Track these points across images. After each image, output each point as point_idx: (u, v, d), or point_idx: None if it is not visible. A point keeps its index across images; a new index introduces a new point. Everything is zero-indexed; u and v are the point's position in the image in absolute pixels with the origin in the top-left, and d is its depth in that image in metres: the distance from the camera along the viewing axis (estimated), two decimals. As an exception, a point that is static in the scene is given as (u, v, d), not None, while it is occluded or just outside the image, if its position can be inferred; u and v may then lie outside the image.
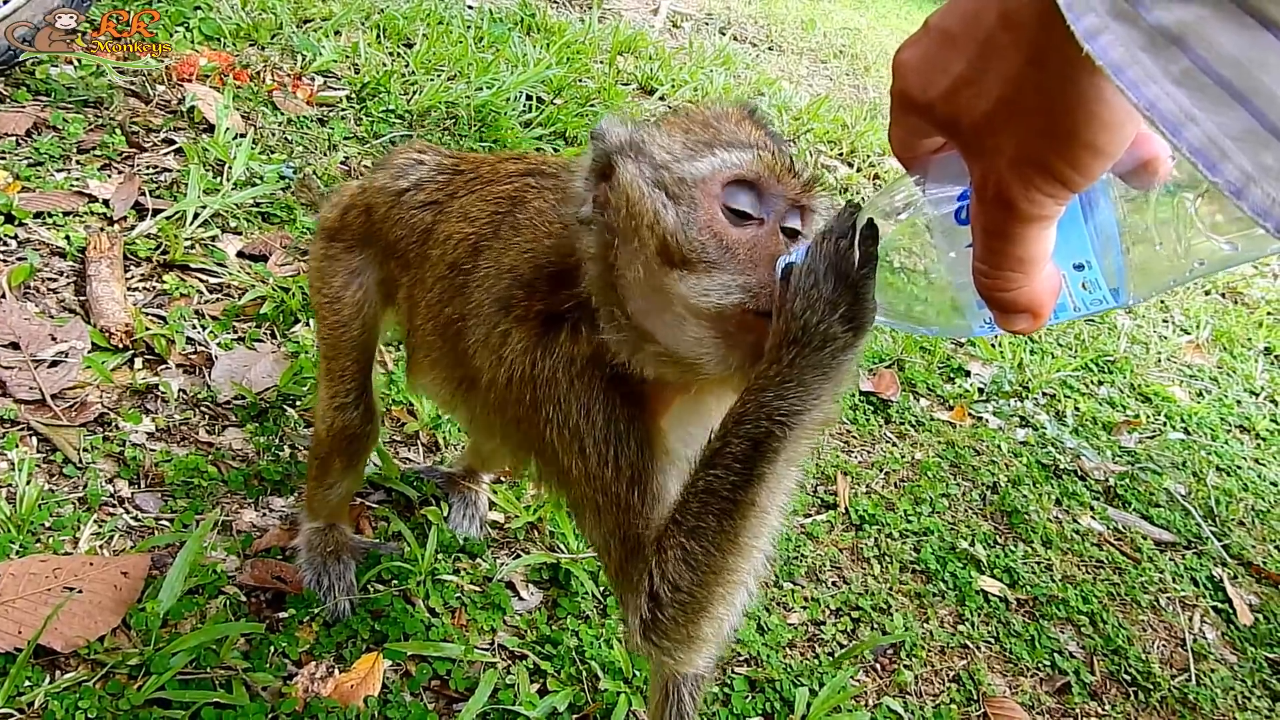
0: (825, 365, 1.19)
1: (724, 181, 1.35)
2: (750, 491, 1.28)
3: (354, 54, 4.92)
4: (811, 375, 1.20)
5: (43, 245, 3.08)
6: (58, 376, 2.67)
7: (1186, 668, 3.05)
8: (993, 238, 0.87)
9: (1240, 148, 0.66)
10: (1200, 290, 6.06)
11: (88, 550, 2.28)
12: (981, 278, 0.90)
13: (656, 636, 1.41)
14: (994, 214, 0.85)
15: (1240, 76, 0.64)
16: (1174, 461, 4.12)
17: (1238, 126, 0.65)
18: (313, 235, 2.43)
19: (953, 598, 3.03)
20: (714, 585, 1.35)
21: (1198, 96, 0.66)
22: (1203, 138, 0.67)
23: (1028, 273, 0.88)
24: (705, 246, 1.31)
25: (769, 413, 1.22)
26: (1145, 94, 0.67)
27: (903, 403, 3.92)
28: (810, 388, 1.20)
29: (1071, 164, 0.79)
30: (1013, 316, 0.93)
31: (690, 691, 1.90)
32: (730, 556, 1.33)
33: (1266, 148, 0.66)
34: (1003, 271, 0.88)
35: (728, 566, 1.34)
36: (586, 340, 1.49)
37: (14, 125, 3.52)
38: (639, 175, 1.38)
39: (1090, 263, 0.94)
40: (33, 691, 1.92)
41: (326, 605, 2.32)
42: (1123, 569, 3.39)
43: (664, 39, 7.26)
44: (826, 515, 3.21)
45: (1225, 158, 0.67)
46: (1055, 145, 0.78)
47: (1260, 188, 0.67)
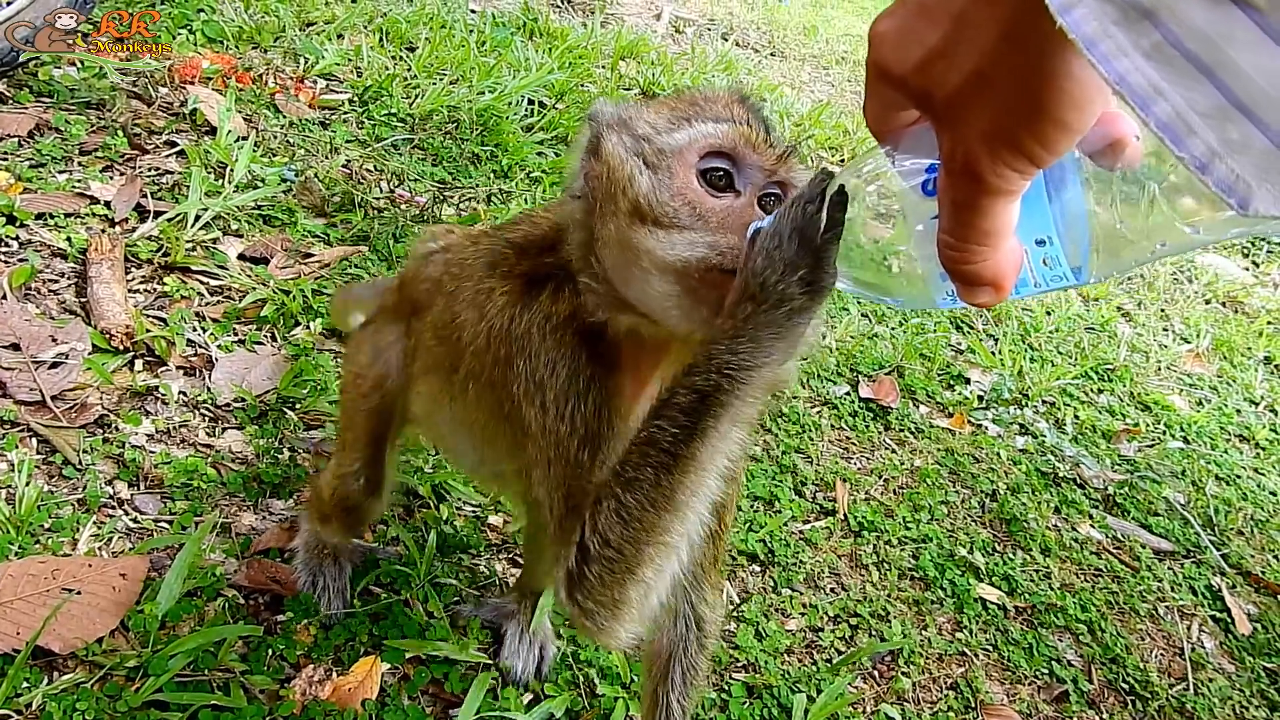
0: (779, 324, 1.19)
1: (700, 152, 1.38)
2: (692, 446, 1.27)
3: (356, 57, 4.93)
4: (765, 333, 1.20)
5: (44, 246, 3.09)
6: (58, 378, 2.67)
7: (1184, 677, 3.05)
8: (959, 210, 0.88)
9: (1207, 123, 0.67)
10: (1200, 299, 6.06)
11: (86, 552, 2.28)
12: (946, 250, 0.92)
13: (581, 595, 1.39)
14: (961, 187, 0.86)
15: (1208, 51, 0.65)
16: (1173, 470, 4.12)
17: (1205, 101, 0.66)
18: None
19: (951, 605, 3.03)
20: (644, 543, 1.33)
21: (1167, 71, 0.66)
22: (1171, 112, 0.67)
23: (992, 246, 0.89)
24: (677, 211, 1.35)
25: (719, 366, 1.22)
26: (1116, 68, 0.68)
27: (902, 409, 3.92)
28: (762, 345, 1.20)
29: (1039, 140, 0.80)
30: (975, 289, 0.94)
31: (679, 699, 1.89)
32: (665, 514, 1.31)
33: (1232, 123, 0.66)
34: (967, 244, 0.90)
35: (661, 525, 1.32)
36: (566, 300, 1.51)
37: (16, 126, 3.53)
38: (620, 145, 1.42)
39: (1052, 239, 0.95)
40: (30, 693, 1.92)
41: (320, 607, 2.31)
42: (1121, 577, 3.39)
43: (666, 44, 7.27)
44: (825, 522, 3.21)
45: (1192, 133, 0.67)
46: (1024, 121, 0.79)
47: (1225, 163, 0.67)
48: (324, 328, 3.17)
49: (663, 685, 1.89)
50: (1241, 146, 0.67)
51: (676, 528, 1.34)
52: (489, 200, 4.24)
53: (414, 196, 4.02)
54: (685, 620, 1.84)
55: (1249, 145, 0.67)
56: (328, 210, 3.76)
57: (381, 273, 3.52)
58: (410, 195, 4.01)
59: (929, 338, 4.49)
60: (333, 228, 3.69)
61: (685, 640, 1.85)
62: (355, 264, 3.51)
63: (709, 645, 1.89)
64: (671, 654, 1.87)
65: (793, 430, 3.58)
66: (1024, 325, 4.93)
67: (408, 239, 3.74)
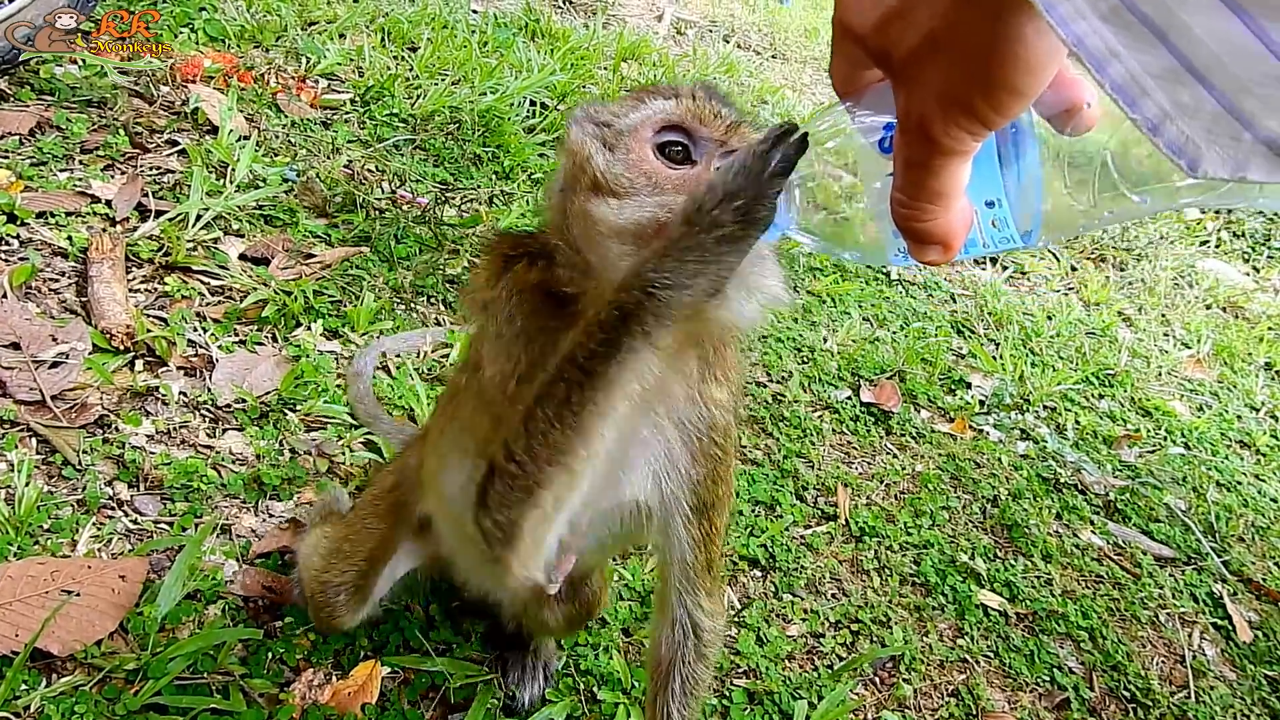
0: (706, 249, 1.18)
1: (654, 127, 1.43)
2: (606, 363, 1.26)
3: (358, 57, 4.92)
4: (691, 256, 1.19)
5: (45, 245, 3.07)
6: (58, 377, 2.66)
7: (1186, 685, 3.04)
8: (911, 169, 0.89)
9: (1159, 85, 0.68)
10: (1201, 304, 6.06)
11: (86, 553, 2.27)
12: (898, 207, 0.93)
13: (483, 514, 1.40)
14: (914, 146, 0.87)
15: (1162, 15, 0.66)
16: (1174, 476, 4.11)
17: (1158, 64, 0.67)
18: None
19: (952, 611, 3.02)
20: (546, 461, 1.32)
21: (1123, 34, 0.67)
22: (1125, 75, 0.69)
23: (942, 205, 0.91)
24: (633, 181, 1.40)
25: (641, 283, 1.22)
26: (1073, 30, 0.68)
27: (903, 414, 3.91)
28: (685, 267, 1.20)
29: (991, 103, 0.81)
30: (925, 247, 0.95)
31: (679, 708, 1.88)
32: (570, 432, 1.30)
33: (1183, 86, 0.67)
34: (919, 203, 0.91)
35: (565, 444, 1.31)
36: (537, 271, 1.55)
37: (17, 124, 3.51)
38: (581, 132, 1.50)
39: (1001, 201, 0.97)
40: (29, 695, 1.91)
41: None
42: (1122, 584, 3.38)
43: (668, 46, 7.27)
44: (826, 527, 3.20)
45: (1145, 95, 0.69)
46: (977, 84, 0.81)
47: (1175, 125, 0.69)
48: (325, 329, 3.16)
49: (663, 694, 1.87)
50: (1192, 109, 0.68)
51: (580, 451, 1.32)
52: (491, 202, 4.23)
53: (416, 197, 4.01)
54: (682, 627, 1.82)
55: (1199, 108, 0.68)
56: (329, 211, 3.75)
57: (383, 274, 3.51)
58: (412, 196, 4.00)
59: (930, 342, 4.48)
60: (334, 228, 3.68)
61: (683, 648, 1.83)
62: (356, 265, 3.50)
63: (708, 654, 1.87)
64: (671, 663, 1.85)
65: (794, 434, 3.57)
66: (1025, 330, 4.93)
67: (409, 240, 3.73)
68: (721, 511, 1.75)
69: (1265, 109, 0.67)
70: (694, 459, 1.63)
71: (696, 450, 1.63)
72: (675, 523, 1.67)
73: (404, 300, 3.48)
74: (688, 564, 1.72)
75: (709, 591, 1.81)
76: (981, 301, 5.10)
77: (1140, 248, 6.47)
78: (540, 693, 2.36)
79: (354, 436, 2.82)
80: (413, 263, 3.64)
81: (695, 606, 1.80)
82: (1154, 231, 6.65)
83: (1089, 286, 5.78)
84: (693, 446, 1.63)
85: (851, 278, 4.85)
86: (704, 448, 1.64)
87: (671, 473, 1.62)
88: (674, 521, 1.67)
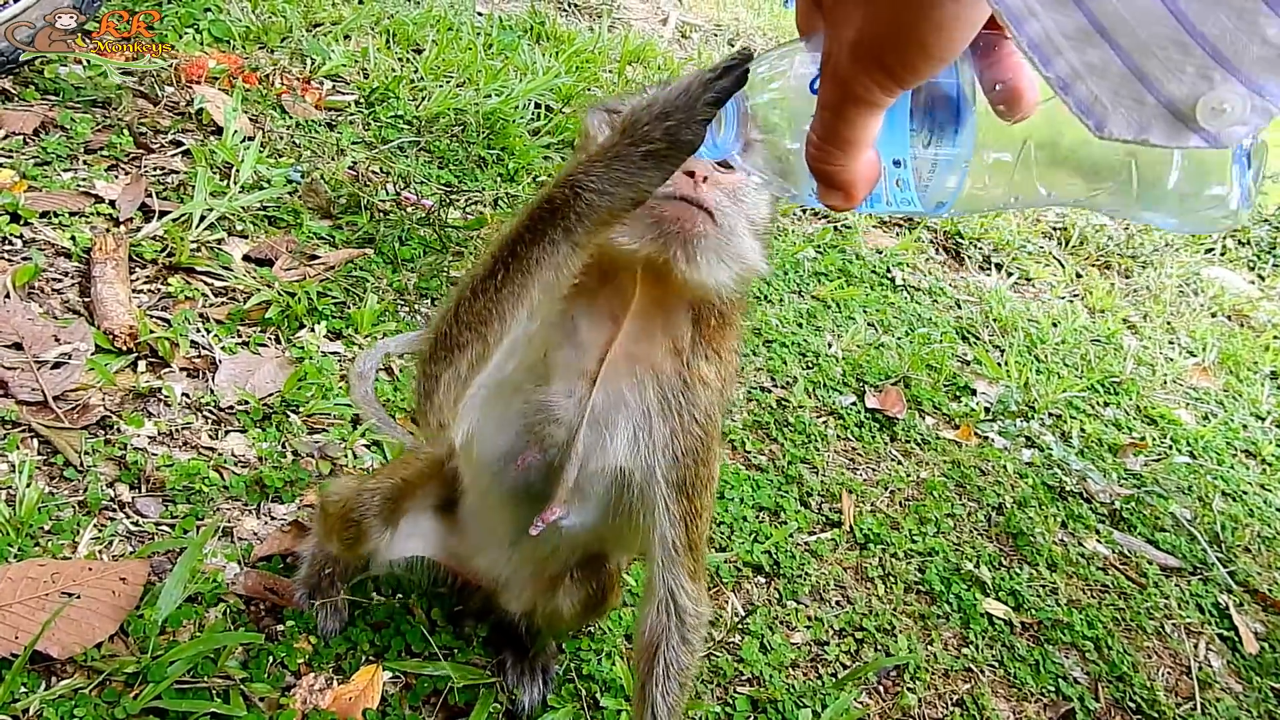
0: (633, 161, 1.25)
1: None
2: (529, 249, 1.36)
3: (363, 59, 4.91)
4: (618, 166, 1.27)
5: (48, 245, 3.06)
6: (60, 378, 2.64)
7: (1192, 696, 3.02)
8: (824, 112, 0.91)
9: (1072, 45, 0.70)
10: (1206, 312, 6.04)
11: (87, 555, 2.25)
12: (810, 147, 0.95)
13: (420, 368, 1.55)
14: (828, 90, 0.90)
15: None
16: (1180, 485, 4.09)
17: (1071, 24, 0.69)
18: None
19: (957, 620, 3.00)
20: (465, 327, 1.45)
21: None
22: (1041, 33, 0.70)
23: (848, 153, 0.92)
24: None
25: (570, 183, 1.31)
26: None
27: (908, 420, 3.89)
28: (611, 174, 1.27)
29: (899, 58, 0.83)
30: (829, 191, 0.98)
31: (663, 694, 1.88)
32: (489, 304, 1.42)
33: (1093, 46, 0.70)
34: (827, 146, 0.93)
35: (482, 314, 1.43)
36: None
37: (21, 124, 3.51)
38: (594, 119, 1.64)
39: (905, 161, 0.99)
40: (28, 698, 1.90)
41: (317, 624, 2.28)
42: (1128, 594, 3.36)
43: (673, 49, 7.25)
44: (831, 533, 3.18)
45: (1059, 53, 0.71)
46: (888, 35, 0.82)
47: (1085, 84, 0.71)
48: (328, 331, 3.15)
49: (649, 681, 1.88)
50: (1100, 70, 0.70)
51: (495, 326, 1.44)
52: (496, 204, 4.22)
53: (420, 199, 3.99)
54: (665, 608, 1.84)
55: (1107, 69, 0.70)
56: (333, 212, 3.74)
57: (387, 276, 3.50)
58: (417, 198, 3.99)
59: (935, 348, 4.46)
60: (338, 230, 3.66)
61: (667, 631, 1.85)
62: (360, 267, 3.49)
63: (693, 640, 1.88)
64: (656, 648, 1.86)
65: (798, 440, 3.55)
66: (1030, 336, 4.91)
67: (413, 242, 3.72)
68: (703, 493, 1.79)
69: (1166, 71, 0.68)
70: (674, 433, 1.71)
71: (677, 425, 1.71)
72: (655, 494, 1.74)
73: (408, 302, 3.47)
74: (668, 540, 1.77)
75: (691, 574, 1.83)
76: (986, 308, 5.08)
77: (1145, 254, 6.45)
78: (541, 697, 2.35)
79: (356, 438, 2.80)
80: (417, 264, 3.63)
81: (678, 588, 1.82)
82: (1159, 239, 6.62)
83: (1094, 293, 5.76)
84: (673, 421, 1.71)
85: (857, 283, 4.83)
86: (684, 424, 1.72)
87: (649, 440, 1.71)
88: (653, 493, 1.74)
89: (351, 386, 2.92)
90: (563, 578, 2.18)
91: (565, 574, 2.17)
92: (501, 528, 2.01)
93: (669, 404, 1.71)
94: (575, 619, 2.30)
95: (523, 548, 2.04)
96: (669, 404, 1.71)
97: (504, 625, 2.38)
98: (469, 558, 2.21)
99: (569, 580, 2.18)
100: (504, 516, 1.97)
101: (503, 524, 1.99)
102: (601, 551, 2.17)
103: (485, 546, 2.12)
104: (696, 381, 1.72)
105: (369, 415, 2.84)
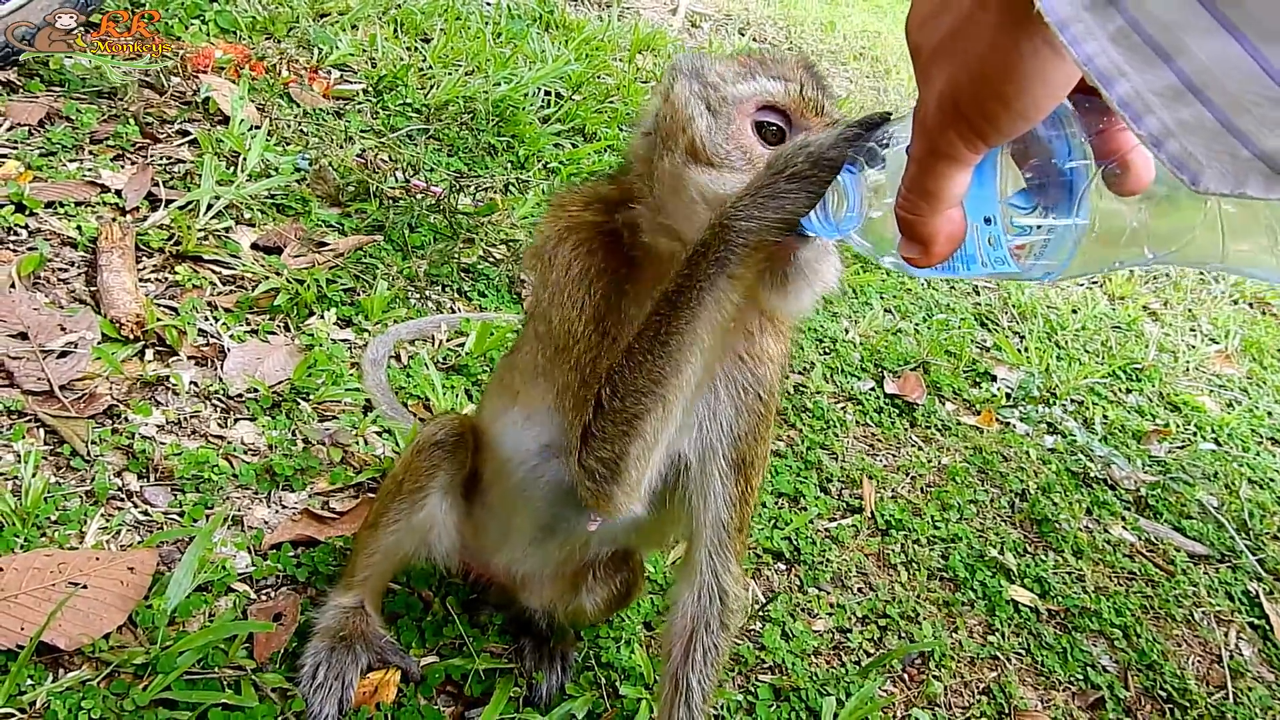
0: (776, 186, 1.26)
1: (758, 104, 1.50)
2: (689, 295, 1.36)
3: (371, 47, 4.86)
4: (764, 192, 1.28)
5: (54, 235, 3.02)
6: (66, 367, 2.60)
7: (1223, 685, 2.95)
8: (914, 163, 0.93)
9: (1163, 103, 0.71)
10: (1227, 299, 5.95)
11: (94, 545, 2.21)
12: (899, 198, 0.97)
13: (586, 454, 1.52)
14: (918, 142, 0.92)
15: (1165, 36, 0.69)
16: (1205, 472, 4.02)
17: (1161, 83, 0.70)
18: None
19: (982, 607, 2.94)
20: (643, 393, 1.44)
21: (1129, 55, 0.71)
22: (1131, 92, 0.72)
23: (930, 206, 0.94)
24: (729, 153, 1.48)
25: (719, 220, 1.32)
26: (1084, 49, 0.72)
27: (929, 406, 3.83)
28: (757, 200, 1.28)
29: (981, 113, 0.85)
30: (909, 244, 1.00)
31: (699, 679, 1.83)
32: (662, 361, 1.41)
33: (1185, 104, 0.70)
34: (912, 197, 0.95)
35: (659, 372, 1.42)
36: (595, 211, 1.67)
37: (27, 115, 3.46)
38: (687, 89, 1.55)
39: (996, 219, 0.97)
40: (35, 690, 1.85)
41: (311, 707, 2.01)
42: (1156, 581, 3.29)
43: (683, 38, 7.19)
44: (852, 519, 3.12)
45: (1149, 111, 0.71)
46: (972, 91, 0.84)
47: (1178, 141, 0.71)
48: (338, 318, 3.10)
49: (684, 665, 1.82)
50: (1193, 126, 0.70)
51: (673, 379, 1.42)
52: (506, 190, 4.17)
53: (429, 186, 3.94)
54: (709, 592, 1.79)
55: (1199, 125, 0.70)
56: (342, 199, 3.69)
57: (397, 263, 3.45)
58: (426, 185, 3.94)
59: (954, 334, 4.39)
60: (347, 217, 3.61)
61: (708, 615, 1.80)
62: (370, 254, 3.44)
63: (731, 625, 1.84)
64: (694, 632, 1.81)
65: (817, 425, 3.49)
66: (1050, 323, 4.83)
67: (423, 228, 3.67)
68: (758, 472, 1.76)
69: (1261, 127, 0.68)
70: (738, 413, 1.68)
71: (742, 405, 1.67)
72: (713, 477, 1.70)
73: (418, 289, 3.41)
74: (721, 523, 1.73)
75: (737, 556, 1.80)
76: (1004, 294, 5.00)
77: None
78: (559, 683, 2.29)
79: (368, 425, 2.75)
80: (427, 251, 3.58)
81: (724, 570, 1.78)
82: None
83: (1113, 280, 5.67)
84: (738, 400, 1.67)
85: (872, 269, 4.76)
86: (749, 402, 1.68)
87: (712, 423, 1.67)
88: (711, 476, 1.70)
89: (364, 373, 2.87)
90: (586, 576, 2.12)
91: (589, 572, 2.11)
92: (528, 524, 1.94)
93: (735, 383, 1.67)
94: (599, 615, 2.25)
95: (547, 546, 1.97)
96: (735, 383, 1.67)
97: (522, 615, 2.31)
98: (488, 555, 2.13)
99: (592, 578, 2.12)
100: (531, 513, 1.90)
101: (530, 521, 1.92)
102: (631, 546, 2.11)
103: (506, 544, 2.04)
104: (762, 358, 1.68)
105: (380, 402, 2.79)
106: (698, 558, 1.77)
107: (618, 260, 1.62)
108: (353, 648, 2.08)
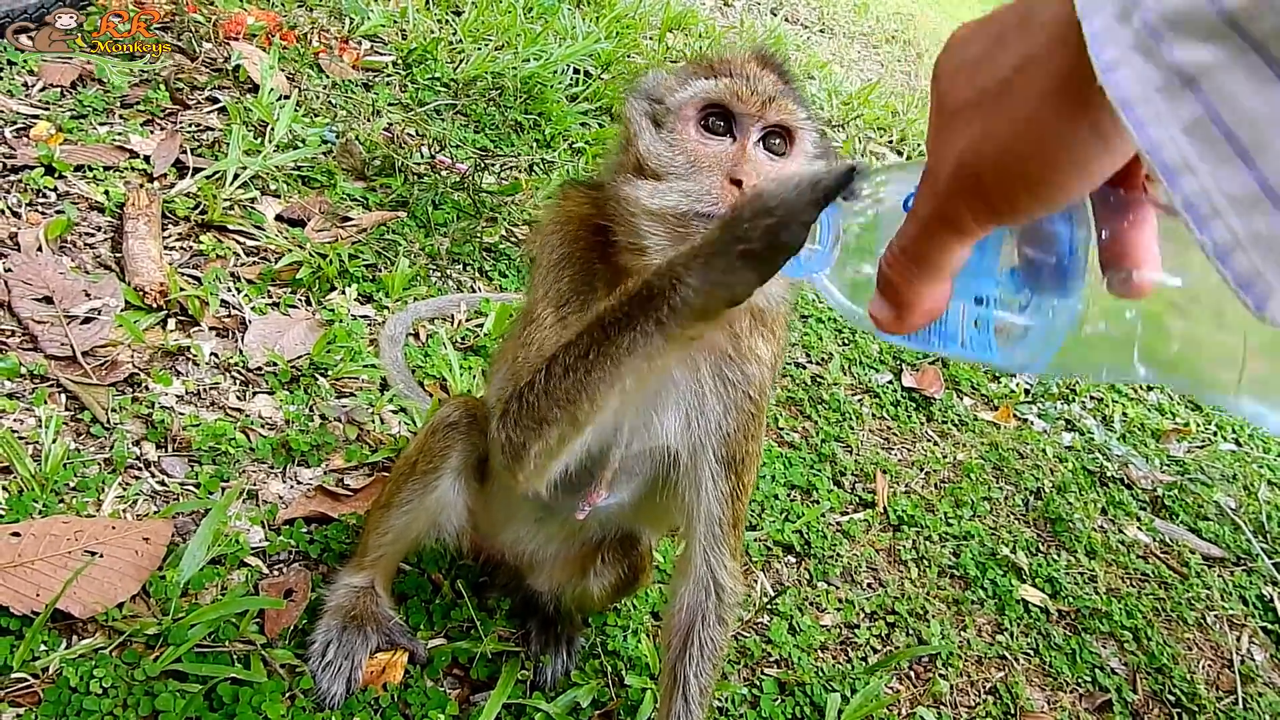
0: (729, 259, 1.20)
1: (697, 106, 1.53)
2: (621, 335, 1.34)
3: (402, 19, 4.84)
4: (718, 264, 1.22)
5: (81, 199, 3.04)
6: (89, 333, 2.62)
7: (1233, 690, 2.94)
8: (915, 223, 0.85)
9: (1235, 209, 0.60)
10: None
11: (111, 513, 2.23)
12: (887, 253, 0.89)
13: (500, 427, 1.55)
14: (925, 202, 0.84)
15: (1250, 132, 0.59)
16: (1224, 473, 3.98)
17: (1237, 186, 0.60)
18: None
19: (992, 606, 2.93)
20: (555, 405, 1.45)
21: (1203, 148, 0.61)
22: (1198, 191, 0.62)
23: (922, 272, 0.86)
24: (672, 161, 1.51)
25: (671, 274, 1.27)
26: (1150, 135, 0.63)
27: (946, 400, 3.81)
28: (709, 271, 1.23)
29: (1001, 190, 0.76)
30: (883, 304, 0.91)
31: (696, 673, 1.85)
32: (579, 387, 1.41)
33: (1262, 213, 0.60)
34: (904, 260, 0.87)
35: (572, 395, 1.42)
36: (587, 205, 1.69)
37: (59, 77, 3.48)
38: (634, 109, 1.62)
39: (990, 299, 0.91)
40: (48, 657, 1.88)
41: (319, 685, 2.02)
42: (1169, 583, 3.27)
43: (715, 17, 7.13)
44: (864, 514, 3.11)
45: (1217, 215, 0.61)
46: (996, 161, 0.76)
47: (1247, 255, 0.61)
48: (359, 294, 3.11)
49: (682, 660, 1.85)
50: (1268, 241, 0.60)
51: (585, 406, 1.42)
52: (531, 170, 4.16)
53: (455, 163, 3.93)
54: (704, 585, 1.82)
55: (1276, 240, 0.60)
56: (367, 174, 3.69)
57: (419, 240, 3.45)
58: (451, 162, 3.93)
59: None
60: (372, 192, 3.62)
61: (704, 608, 1.83)
62: (393, 230, 3.44)
63: (728, 619, 1.86)
64: (691, 626, 1.84)
65: (833, 418, 3.48)
66: (1074, 318, 4.79)
67: (447, 206, 3.66)
68: (750, 469, 1.78)
69: None
70: (726, 410, 1.69)
71: (730, 403, 1.69)
72: (704, 473, 1.72)
73: (440, 267, 3.42)
74: (714, 518, 1.75)
75: (732, 551, 1.81)
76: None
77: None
78: (565, 668, 2.30)
79: (384, 403, 2.76)
80: (450, 229, 3.58)
81: (719, 565, 1.80)
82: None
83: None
84: (726, 399, 1.68)
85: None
86: (738, 401, 1.69)
87: (701, 420, 1.69)
88: (702, 471, 1.72)
89: (381, 350, 2.88)
90: (594, 559, 2.13)
91: (596, 555, 2.12)
92: (529, 503, 1.95)
93: (723, 381, 1.68)
94: (605, 600, 2.26)
95: (550, 526, 1.99)
96: (723, 381, 1.68)
97: (530, 599, 2.33)
98: (496, 534, 2.15)
99: (600, 562, 2.14)
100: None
101: (531, 500, 1.92)
102: (634, 530, 2.12)
103: (511, 523, 2.06)
104: (751, 358, 1.68)
105: (396, 379, 2.80)
106: (694, 551, 1.79)
107: (596, 254, 1.65)
108: (363, 628, 2.10)
